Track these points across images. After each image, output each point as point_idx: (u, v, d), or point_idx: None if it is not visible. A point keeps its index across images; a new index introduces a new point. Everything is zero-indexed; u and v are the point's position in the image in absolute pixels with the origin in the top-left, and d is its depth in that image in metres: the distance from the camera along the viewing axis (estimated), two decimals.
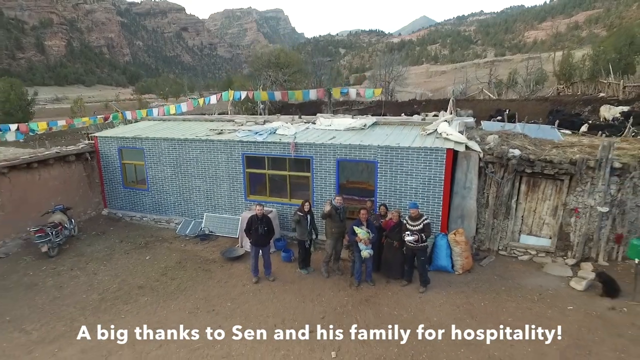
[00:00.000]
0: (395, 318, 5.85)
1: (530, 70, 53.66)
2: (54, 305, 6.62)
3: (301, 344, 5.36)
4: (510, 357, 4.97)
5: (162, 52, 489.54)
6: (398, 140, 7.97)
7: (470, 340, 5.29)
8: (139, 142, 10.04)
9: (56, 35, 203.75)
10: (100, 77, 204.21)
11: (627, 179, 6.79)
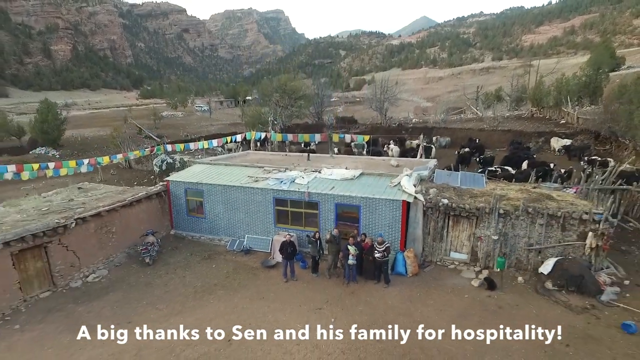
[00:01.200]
0: (368, 302, 10.46)
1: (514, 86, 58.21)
2: (167, 295, 11.25)
3: (315, 315, 9.95)
4: (426, 318, 9.56)
5: (163, 54, 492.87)
6: (374, 192, 12.57)
7: (406, 312, 9.91)
8: (200, 185, 14.67)
9: (62, 39, 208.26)
10: (105, 81, 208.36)
11: (507, 220, 11.40)
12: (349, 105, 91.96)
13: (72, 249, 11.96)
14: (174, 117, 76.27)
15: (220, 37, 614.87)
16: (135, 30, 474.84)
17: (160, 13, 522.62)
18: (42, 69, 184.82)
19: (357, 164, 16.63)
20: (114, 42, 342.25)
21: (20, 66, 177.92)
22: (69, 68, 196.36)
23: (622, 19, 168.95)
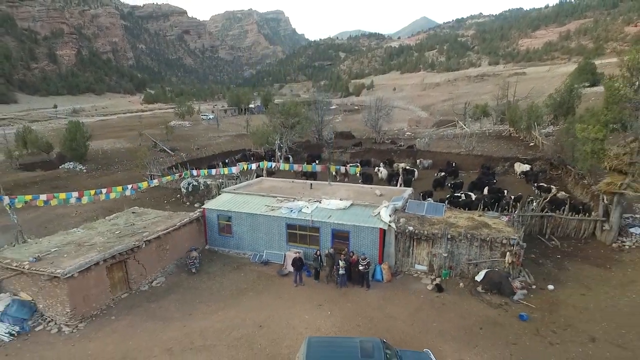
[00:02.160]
0: (354, 301, 15.13)
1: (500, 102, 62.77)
2: (212, 296, 15.94)
3: (317, 310, 14.61)
4: (393, 311, 14.20)
5: (164, 55, 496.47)
6: (360, 220, 17.24)
7: (380, 307, 14.57)
8: (229, 212, 19.36)
9: (67, 44, 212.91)
10: (109, 85, 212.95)
11: (454, 242, 16.10)
12: (348, 115, 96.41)
13: (142, 262, 16.65)
14: (182, 127, 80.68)
15: (221, 39, 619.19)
16: (136, 32, 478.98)
17: (161, 15, 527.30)
18: (48, 74, 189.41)
19: (349, 192, 21.31)
20: (115, 45, 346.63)
21: (27, 71, 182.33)
22: (74, 73, 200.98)
23: (615, 25, 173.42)
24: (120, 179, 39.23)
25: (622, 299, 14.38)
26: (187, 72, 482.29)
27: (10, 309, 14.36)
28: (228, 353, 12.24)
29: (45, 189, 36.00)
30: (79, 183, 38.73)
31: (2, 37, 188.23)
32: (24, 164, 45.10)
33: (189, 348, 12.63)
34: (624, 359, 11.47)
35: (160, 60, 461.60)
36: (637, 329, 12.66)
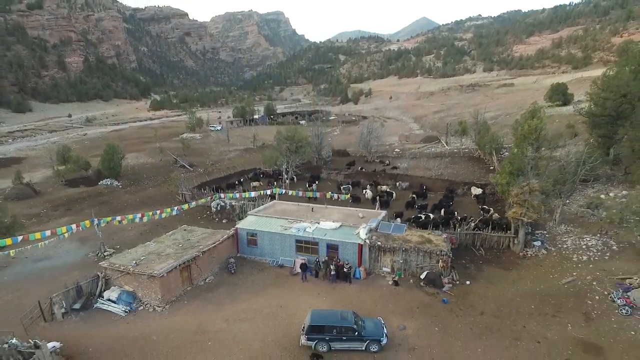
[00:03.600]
0: (340, 291, 23.49)
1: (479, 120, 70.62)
2: (248, 289, 24.32)
3: (316, 297, 22.97)
4: (364, 298, 22.55)
5: (166, 57, 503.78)
6: (346, 238, 25.59)
7: (357, 296, 22.92)
8: (254, 231, 27.74)
9: (75, 52, 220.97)
10: (115, 91, 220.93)
11: (407, 253, 24.44)
12: (346, 126, 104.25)
13: (199, 266, 25.02)
14: (193, 140, 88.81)
15: (222, 40, 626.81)
16: (138, 35, 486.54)
17: (162, 17, 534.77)
18: (58, 81, 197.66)
19: (340, 215, 29.65)
20: (118, 48, 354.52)
21: (38, 79, 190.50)
22: (82, 79, 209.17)
23: (603, 35, 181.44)
24: (154, 195, 47.70)
25: (510, 290, 22.77)
26: (189, 74, 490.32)
27: (122, 296, 22.75)
28: (263, 322, 20.60)
29: (94, 204, 44.46)
30: (120, 199, 47.09)
31: (14, 45, 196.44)
32: (68, 180, 53.30)
33: (238, 320, 20.98)
34: (495, 323, 19.83)
35: (162, 62, 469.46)
36: (511, 306, 21.03)
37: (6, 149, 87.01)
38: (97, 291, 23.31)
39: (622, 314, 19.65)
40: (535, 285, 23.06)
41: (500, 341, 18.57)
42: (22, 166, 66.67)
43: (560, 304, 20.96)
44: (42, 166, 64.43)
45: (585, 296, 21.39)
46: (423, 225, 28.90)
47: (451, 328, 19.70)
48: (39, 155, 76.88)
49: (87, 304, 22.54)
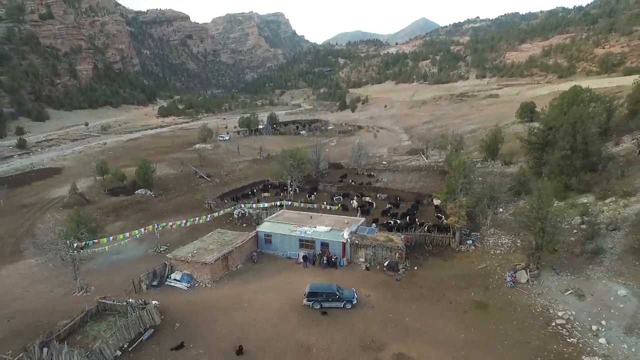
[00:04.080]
0: (329, 275, 35.11)
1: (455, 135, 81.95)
2: (267, 272, 35.95)
3: (313, 277, 34.53)
4: (346, 279, 34.10)
5: (168, 60, 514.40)
6: (334, 237, 37.23)
7: (340, 277, 34.52)
8: (270, 233, 39.36)
9: (85, 60, 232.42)
10: (123, 97, 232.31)
11: (375, 248, 36.04)
12: (342, 137, 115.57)
13: (233, 257, 36.65)
14: (205, 150, 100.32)
15: (223, 43, 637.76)
16: (140, 38, 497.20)
17: (164, 20, 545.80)
18: (70, 89, 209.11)
19: (331, 221, 41.22)
20: (122, 52, 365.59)
21: (51, 87, 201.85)
22: (92, 87, 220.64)
23: (587, 46, 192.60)
24: (183, 203, 59.29)
25: (442, 273, 34.36)
26: (191, 77, 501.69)
27: (183, 277, 34.37)
28: (278, 293, 32.12)
29: (136, 211, 56.14)
30: (156, 206, 58.70)
31: (28, 55, 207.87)
32: (109, 189, 64.86)
33: (261, 291, 32.54)
34: (427, 293, 31.37)
35: (164, 65, 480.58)
36: (439, 283, 32.55)
37: (39, 159, 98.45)
38: (166, 274, 34.92)
39: (508, 286, 31.25)
40: (460, 270, 34.68)
41: (427, 303, 30.17)
42: (62, 176, 78.35)
43: (471, 281, 32.58)
44: (81, 176, 75.95)
45: (489, 276, 33.01)
46: (390, 229, 40.48)
47: (399, 296, 31.30)
48: (72, 165, 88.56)
49: (160, 282, 34.17)
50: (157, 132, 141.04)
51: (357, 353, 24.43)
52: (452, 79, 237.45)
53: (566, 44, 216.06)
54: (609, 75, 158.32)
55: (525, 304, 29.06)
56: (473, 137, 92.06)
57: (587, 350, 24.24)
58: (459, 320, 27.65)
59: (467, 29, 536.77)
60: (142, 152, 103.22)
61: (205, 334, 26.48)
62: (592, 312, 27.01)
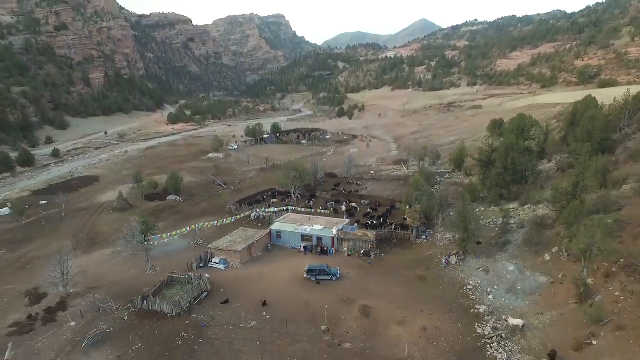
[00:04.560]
0: (322, 259, 50.75)
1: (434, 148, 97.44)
2: (280, 258, 51.66)
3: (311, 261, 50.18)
4: (334, 263, 49.70)
5: (171, 63, 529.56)
6: (326, 233, 52.90)
7: (331, 261, 50.18)
8: (280, 230, 55.01)
9: (97, 68, 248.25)
10: (134, 104, 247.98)
11: (354, 241, 51.62)
12: (338, 146, 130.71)
13: (254, 247, 52.27)
14: (218, 159, 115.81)
15: (224, 45, 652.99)
16: (144, 41, 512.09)
17: (167, 23, 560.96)
18: (84, 97, 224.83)
19: (324, 222, 56.81)
20: (127, 56, 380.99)
21: (68, 96, 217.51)
22: (104, 94, 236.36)
23: (569, 57, 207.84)
24: (208, 207, 74.84)
25: (401, 258, 49.95)
26: (193, 80, 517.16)
27: (221, 261, 50.02)
28: (286, 270, 47.62)
29: (171, 214, 71.75)
30: (186, 210, 74.26)
31: (45, 65, 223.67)
32: (145, 195, 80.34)
33: (276, 270, 48.13)
34: (389, 272, 46.95)
35: (167, 68, 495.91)
36: (398, 265, 48.14)
37: (73, 167, 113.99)
38: (208, 258, 50.49)
39: (443, 266, 46.80)
40: (413, 256, 50.27)
41: (387, 277, 45.70)
42: (101, 184, 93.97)
43: (419, 263, 48.13)
44: (116, 184, 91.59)
45: (432, 260, 48.58)
46: (368, 227, 56.04)
47: (369, 273, 46.85)
48: (105, 174, 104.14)
49: (205, 264, 49.75)
50: (171, 141, 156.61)
51: (337, 305, 39.96)
52: (445, 86, 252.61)
53: (551, 54, 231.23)
54: (585, 86, 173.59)
55: (451, 277, 44.66)
56: (451, 148, 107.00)
57: (480, 302, 39.79)
58: (405, 287, 43.25)
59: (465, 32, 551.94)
60: (162, 160, 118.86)
61: (241, 295, 42.10)
62: (490, 281, 42.64)
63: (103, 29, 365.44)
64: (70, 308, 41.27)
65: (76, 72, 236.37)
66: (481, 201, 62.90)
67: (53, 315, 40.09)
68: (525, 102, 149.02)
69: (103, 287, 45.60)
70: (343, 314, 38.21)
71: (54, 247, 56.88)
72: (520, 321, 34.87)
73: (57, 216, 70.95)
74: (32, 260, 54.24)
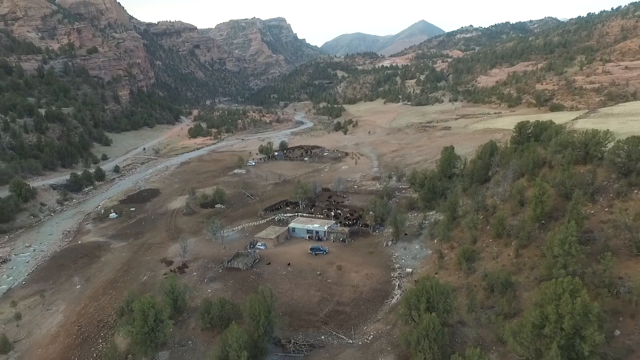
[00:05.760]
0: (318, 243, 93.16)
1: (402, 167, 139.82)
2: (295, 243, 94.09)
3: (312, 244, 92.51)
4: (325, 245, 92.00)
5: (178, 70, 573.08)
6: (322, 229, 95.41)
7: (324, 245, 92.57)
8: (295, 227, 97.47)
9: (124, 87, 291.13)
10: (156, 118, 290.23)
11: (337, 234, 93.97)
12: (333, 164, 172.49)
13: (280, 237, 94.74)
14: (242, 175, 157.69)
15: (228, 50, 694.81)
16: (152, 49, 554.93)
17: (173, 31, 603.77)
18: (115, 113, 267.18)
19: (320, 222, 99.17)
20: (139, 65, 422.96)
21: (102, 113, 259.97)
22: (132, 110, 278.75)
23: (532, 80, 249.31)
24: (244, 213, 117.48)
25: (362, 242, 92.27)
26: (199, 86, 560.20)
27: (263, 244, 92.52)
28: (299, 249, 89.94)
29: (221, 217, 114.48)
30: (230, 214, 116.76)
31: (81, 85, 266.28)
32: (201, 204, 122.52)
33: (293, 249, 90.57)
34: (354, 249, 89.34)
35: (175, 75, 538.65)
36: (359, 246, 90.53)
37: (133, 181, 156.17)
38: (255, 243, 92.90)
39: (384, 246, 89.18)
40: (369, 241, 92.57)
41: (353, 252, 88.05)
42: (163, 195, 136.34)
43: (371, 245, 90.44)
44: (174, 194, 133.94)
45: (378, 244, 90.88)
46: (345, 225, 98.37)
47: (343, 250, 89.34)
48: (162, 187, 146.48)
49: (253, 246, 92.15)
50: (198, 156, 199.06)
51: (325, 265, 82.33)
52: (430, 101, 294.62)
53: (521, 75, 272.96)
54: (539, 109, 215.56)
55: (386, 252, 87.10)
56: (417, 167, 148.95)
57: (396, 263, 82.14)
58: (361, 257, 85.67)
59: (459, 39, 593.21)
60: (199, 175, 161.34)
61: (275, 261, 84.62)
62: (405, 254, 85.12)
63: (121, 44, 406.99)
64: (190, 266, 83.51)
65: (107, 91, 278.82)
66: (417, 209, 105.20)
67: (182, 269, 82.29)
68: (483, 126, 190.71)
69: (201, 257, 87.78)
70: (327, 269, 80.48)
71: (159, 237, 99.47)
72: (410, 270, 77.20)
73: (149, 218, 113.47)
74: (151, 245, 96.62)
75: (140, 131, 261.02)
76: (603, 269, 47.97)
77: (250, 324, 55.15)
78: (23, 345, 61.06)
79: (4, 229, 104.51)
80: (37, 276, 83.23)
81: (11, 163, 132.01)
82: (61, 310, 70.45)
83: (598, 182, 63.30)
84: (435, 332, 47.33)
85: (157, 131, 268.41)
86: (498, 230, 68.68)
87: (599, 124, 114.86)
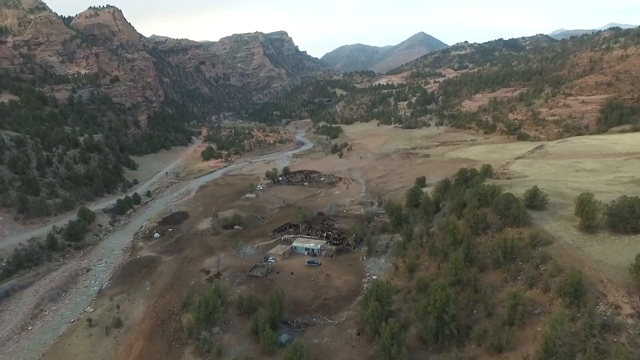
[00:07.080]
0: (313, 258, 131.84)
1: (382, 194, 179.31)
2: (298, 257, 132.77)
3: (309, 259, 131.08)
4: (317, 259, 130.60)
5: (185, 86, 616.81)
6: (316, 247, 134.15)
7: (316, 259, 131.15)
8: (296, 246, 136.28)
9: (143, 112, 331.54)
10: (172, 140, 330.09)
11: (328, 251, 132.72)
12: (328, 189, 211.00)
13: (286, 253, 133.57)
14: (252, 199, 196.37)
15: (232, 65, 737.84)
16: (160, 66, 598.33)
17: (180, 49, 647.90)
18: (136, 137, 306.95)
19: (315, 241, 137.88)
20: (149, 84, 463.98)
21: (125, 137, 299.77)
22: (150, 134, 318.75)
23: (505, 109, 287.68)
24: (257, 233, 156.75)
25: (345, 258, 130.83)
26: (205, 101, 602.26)
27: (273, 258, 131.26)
28: (299, 262, 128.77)
29: (241, 237, 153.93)
30: (247, 234, 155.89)
31: (106, 112, 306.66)
32: (223, 225, 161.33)
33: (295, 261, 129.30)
34: (338, 263, 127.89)
35: (182, 92, 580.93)
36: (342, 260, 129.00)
37: (162, 204, 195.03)
38: (267, 257, 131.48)
39: (361, 260, 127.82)
40: (350, 256, 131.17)
41: (338, 264, 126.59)
42: (192, 218, 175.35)
43: (351, 259, 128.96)
44: (201, 216, 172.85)
45: (357, 258, 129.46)
46: (333, 244, 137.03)
47: (331, 263, 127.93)
48: (189, 210, 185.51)
49: (266, 259, 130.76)
50: (214, 179, 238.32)
51: (317, 273, 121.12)
52: (418, 125, 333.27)
53: (498, 102, 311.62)
54: (508, 137, 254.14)
55: (361, 264, 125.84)
56: (394, 194, 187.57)
57: (367, 272, 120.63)
58: (344, 267, 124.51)
59: (454, 56, 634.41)
60: (217, 199, 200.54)
61: (282, 270, 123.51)
62: (374, 267, 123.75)
63: (135, 67, 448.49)
64: (223, 274, 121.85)
65: (128, 117, 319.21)
66: (388, 232, 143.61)
67: (218, 276, 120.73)
68: (456, 155, 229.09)
69: (230, 268, 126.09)
70: (319, 276, 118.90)
71: (196, 252, 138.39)
72: (375, 277, 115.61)
73: (185, 237, 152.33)
74: (191, 259, 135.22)
75: (159, 154, 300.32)
76: (472, 276, 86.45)
77: (269, 309, 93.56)
78: (126, 324, 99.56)
79: (79, 245, 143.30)
80: (117, 281, 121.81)
81: (72, 192, 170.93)
82: (141, 303, 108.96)
83: (489, 220, 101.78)
84: (378, 313, 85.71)
85: (173, 153, 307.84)
86: (431, 251, 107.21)
87: (527, 165, 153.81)
